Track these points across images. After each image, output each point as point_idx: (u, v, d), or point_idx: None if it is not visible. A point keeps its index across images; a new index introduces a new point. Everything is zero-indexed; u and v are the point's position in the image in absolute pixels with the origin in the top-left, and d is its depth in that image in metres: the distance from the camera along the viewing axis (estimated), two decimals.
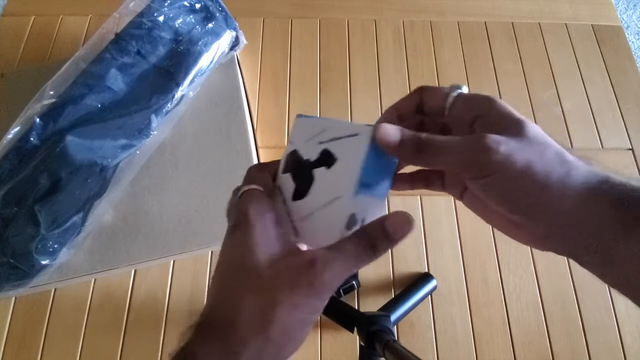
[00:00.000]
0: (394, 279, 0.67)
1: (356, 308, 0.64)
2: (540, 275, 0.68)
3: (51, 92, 0.59)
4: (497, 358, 0.63)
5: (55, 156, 0.55)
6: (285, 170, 0.27)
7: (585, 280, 0.67)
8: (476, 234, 0.70)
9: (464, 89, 0.26)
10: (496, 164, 0.22)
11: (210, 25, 0.67)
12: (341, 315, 0.61)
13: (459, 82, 0.26)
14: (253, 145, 0.66)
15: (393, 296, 0.65)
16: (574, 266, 0.68)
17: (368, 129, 0.24)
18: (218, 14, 0.68)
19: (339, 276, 0.23)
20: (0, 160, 0.56)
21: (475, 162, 0.22)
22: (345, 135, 0.25)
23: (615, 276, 0.22)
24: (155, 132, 0.62)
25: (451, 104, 0.25)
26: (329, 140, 0.25)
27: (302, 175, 0.26)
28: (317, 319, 0.24)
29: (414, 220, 0.24)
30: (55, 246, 0.55)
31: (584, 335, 0.64)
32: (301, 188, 0.26)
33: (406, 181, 0.30)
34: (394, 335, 0.53)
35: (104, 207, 0.59)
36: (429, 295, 0.65)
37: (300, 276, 0.22)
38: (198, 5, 0.68)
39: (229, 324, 0.22)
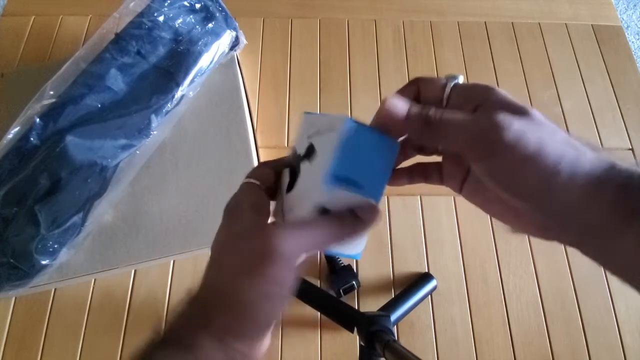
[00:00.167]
0: (394, 279, 0.67)
1: (356, 308, 0.64)
2: (540, 275, 0.68)
3: (51, 92, 0.59)
4: (497, 358, 0.63)
5: (55, 156, 0.55)
6: (286, 165, 0.29)
7: (585, 280, 0.67)
8: (476, 234, 0.70)
9: (460, 78, 0.25)
10: (507, 142, 0.21)
11: (210, 25, 0.67)
12: (341, 315, 0.61)
13: (455, 73, 0.26)
14: (253, 145, 0.66)
15: (393, 296, 0.65)
16: (574, 266, 0.68)
17: (342, 121, 0.24)
18: (218, 14, 0.68)
19: (297, 246, 0.23)
20: (0, 160, 0.56)
21: (486, 139, 0.22)
22: (327, 129, 0.25)
23: (618, 264, 0.22)
24: (155, 132, 0.62)
25: (449, 94, 0.25)
26: (314, 135, 0.26)
27: (294, 170, 0.27)
28: (287, 295, 0.24)
29: (380, 212, 0.25)
30: (55, 246, 0.55)
31: (584, 335, 0.64)
32: (292, 181, 0.27)
33: (404, 175, 0.29)
34: (394, 335, 0.53)
35: (104, 207, 0.59)
36: (429, 295, 0.65)
37: (256, 247, 0.23)
38: (198, 5, 0.68)
39: (199, 300, 0.24)
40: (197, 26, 0.67)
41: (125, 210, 0.61)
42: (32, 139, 0.56)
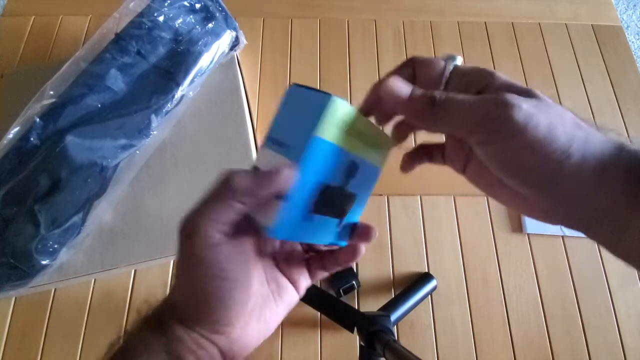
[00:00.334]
0: (394, 279, 0.67)
1: (356, 308, 0.64)
2: (540, 275, 0.68)
3: (51, 92, 0.59)
4: (497, 358, 0.63)
5: (55, 156, 0.55)
6: None
7: (585, 280, 0.67)
8: (476, 234, 0.70)
9: (458, 59, 0.24)
10: (517, 124, 0.20)
11: (210, 25, 0.67)
12: (341, 315, 0.61)
13: (453, 53, 0.25)
14: (253, 145, 0.66)
15: (393, 296, 0.65)
16: (574, 266, 0.68)
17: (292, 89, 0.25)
18: (218, 14, 0.68)
19: (204, 217, 0.23)
20: (0, 160, 0.56)
21: (495, 121, 0.20)
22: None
23: (623, 248, 0.21)
24: (155, 132, 0.62)
25: (448, 77, 0.24)
26: None
27: None
28: (220, 271, 0.23)
29: (291, 175, 0.23)
30: (55, 246, 0.55)
31: (584, 335, 0.64)
32: None
33: (412, 159, 0.29)
34: (394, 335, 0.53)
35: (104, 207, 0.59)
36: (429, 295, 0.65)
37: (184, 230, 0.24)
38: (198, 5, 0.68)
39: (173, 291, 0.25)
40: (197, 26, 0.67)
41: (125, 210, 0.61)
42: (32, 139, 0.56)
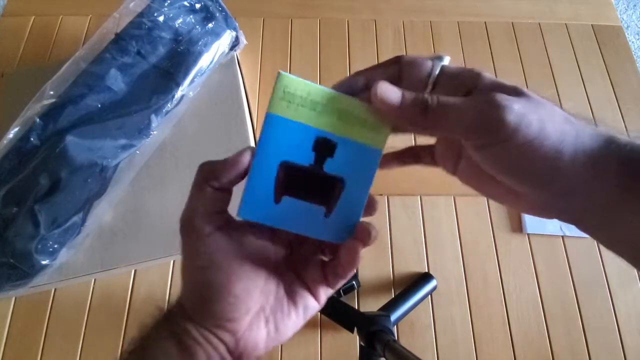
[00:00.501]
0: (394, 279, 0.67)
1: (356, 308, 0.64)
2: (540, 275, 0.68)
3: (51, 92, 0.59)
4: (497, 358, 0.63)
5: (55, 156, 0.55)
6: None
7: (585, 280, 0.67)
8: (476, 234, 0.70)
9: (446, 60, 0.24)
10: (509, 125, 0.20)
11: (210, 25, 0.67)
12: (341, 315, 0.61)
13: (440, 53, 0.24)
14: (253, 145, 0.66)
15: (393, 296, 0.65)
16: (574, 266, 0.68)
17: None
18: (218, 14, 0.68)
19: (193, 211, 0.25)
20: (0, 160, 0.56)
21: (488, 123, 0.20)
22: None
23: (614, 238, 0.22)
24: (155, 132, 0.62)
25: (435, 78, 0.24)
26: None
27: None
28: (216, 264, 0.24)
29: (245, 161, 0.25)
30: (55, 246, 0.55)
31: (584, 335, 0.64)
32: None
33: (394, 158, 0.29)
34: (394, 335, 0.53)
35: (104, 207, 0.59)
36: (429, 295, 0.65)
37: (181, 228, 0.26)
38: (198, 5, 0.68)
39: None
40: (197, 26, 0.67)
41: (125, 210, 0.61)
42: (32, 139, 0.56)
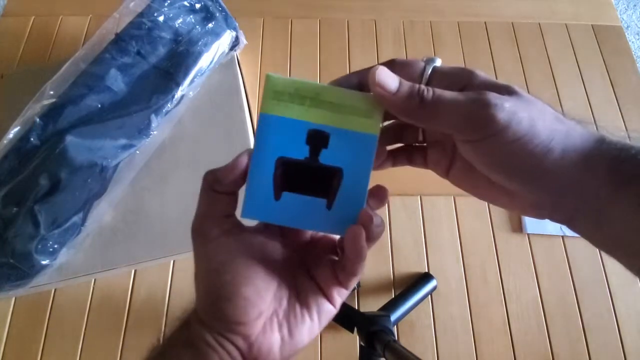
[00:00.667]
0: (394, 279, 0.67)
1: (356, 308, 0.64)
2: (540, 275, 0.68)
3: (51, 93, 0.59)
4: (497, 358, 0.63)
5: (55, 156, 0.55)
6: None
7: (585, 281, 0.67)
8: (476, 234, 0.70)
9: (438, 61, 0.25)
10: (500, 122, 0.21)
11: (210, 25, 0.67)
12: (341, 315, 0.60)
13: (432, 55, 0.25)
14: (253, 145, 0.66)
15: (393, 296, 0.65)
16: (574, 266, 0.68)
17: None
18: (218, 14, 0.68)
19: (200, 217, 0.26)
20: (0, 161, 0.56)
21: (479, 119, 0.21)
22: None
23: (605, 237, 0.22)
24: (155, 132, 0.62)
25: (427, 80, 0.24)
26: None
27: None
28: (223, 265, 0.24)
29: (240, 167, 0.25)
30: (55, 246, 0.55)
31: (584, 335, 0.64)
32: None
33: (388, 158, 0.29)
34: (394, 335, 0.53)
35: (104, 207, 0.59)
36: (429, 295, 0.65)
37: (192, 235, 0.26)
38: (198, 5, 0.68)
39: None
40: (197, 26, 0.67)
41: (125, 210, 0.61)
42: (32, 139, 0.56)
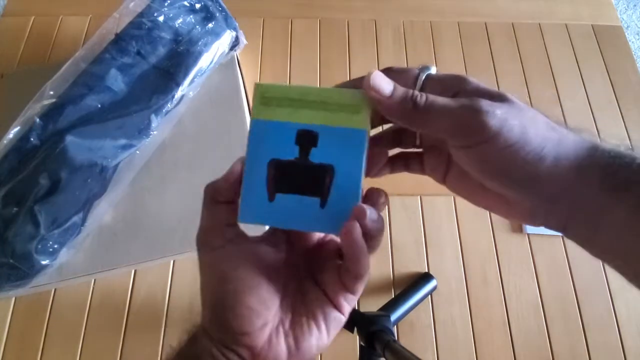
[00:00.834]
0: (394, 279, 0.67)
1: (356, 308, 0.64)
2: (540, 275, 0.68)
3: (51, 93, 0.59)
4: (497, 358, 0.63)
5: (55, 156, 0.55)
6: None
7: (585, 280, 0.67)
8: (476, 234, 0.70)
9: (432, 69, 0.25)
10: (492, 128, 0.21)
11: (210, 25, 0.67)
12: None
13: (427, 63, 0.25)
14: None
15: (393, 296, 0.65)
16: (574, 266, 0.68)
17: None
18: (218, 14, 0.68)
19: (203, 228, 0.26)
20: (1, 160, 0.56)
21: (471, 126, 0.21)
22: None
23: (600, 245, 0.22)
24: (155, 132, 0.62)
25: (421, 86, 0.24)
26: None
27: None
28: (226, 274, 0.24)
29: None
30: (55, 246, 0.55)
31: (584, 335, 0.64)
32: None
33: (386, 164, 0.29)
34: (394, 335, 0.53)
35: (104, 207, 0.59)
36: (429, 295, 0.65)
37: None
38: (198, 5, 0.68)
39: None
40: (197, 26, 0.67)
41: (125, 210, 0.61)
42: (32, 139, 0.56)
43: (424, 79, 0.25)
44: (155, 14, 0.64)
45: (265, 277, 0.24)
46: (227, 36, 0.69)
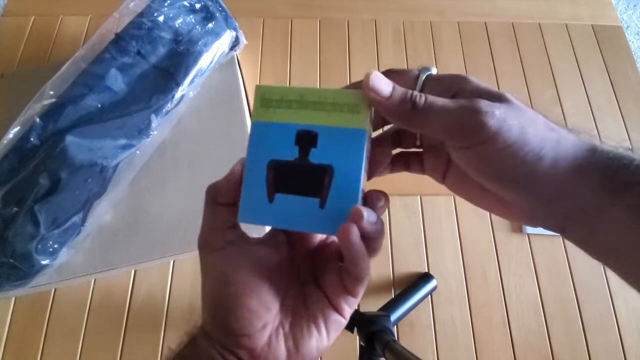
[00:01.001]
0: (394, 279, 0.67)
1: (356, 308, 0.64)
2: (540, 275, 0.68)
3: (51, 92, 0.59)
4: (497, 358, 0.63)
5: (55, 156, 0.55)
6: None
7: (585, 280, 0.67)
8: (476, 234, 0.70)
9: (433, 70, 0.25)
10: (490, 129, 0.21)
11: (210, 25, 0.67)
12: None
13: (427, 64, 0.25)
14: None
15: (393, 296, 0.65)
16: (574, 266, 0.68)
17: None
18: (218, 14, 0.68)
19: (204, 231, 0.26)
20: (0, 160, 0.56)
21: (470, 126, 0.21)
22: None
23: (599, 246, 0.22)
24: (155, 132, 0.62)
25: (421, 87, 0.24)
26: None
27: None
28: (227, 276, 0.24)
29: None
30: (55, 246, 0.55)
31: (584, 335, 0.64)
32: None
33: (386, 164, 0.29)
34: (394, 335, 0.53)
35: (104, 207, 0.59)
36: (429, 295, 0.65)
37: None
38: (198, 5, 0.68)
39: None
40: (197, 26, 0.67)
41: (125, 210, 0.61)
42: (32, 139, 0.56)
43: (424, 80, 0.25)
44: (155, 14, 0.64)
45: (266, 279, 0.24)
46: (227, 36, 0.69)
